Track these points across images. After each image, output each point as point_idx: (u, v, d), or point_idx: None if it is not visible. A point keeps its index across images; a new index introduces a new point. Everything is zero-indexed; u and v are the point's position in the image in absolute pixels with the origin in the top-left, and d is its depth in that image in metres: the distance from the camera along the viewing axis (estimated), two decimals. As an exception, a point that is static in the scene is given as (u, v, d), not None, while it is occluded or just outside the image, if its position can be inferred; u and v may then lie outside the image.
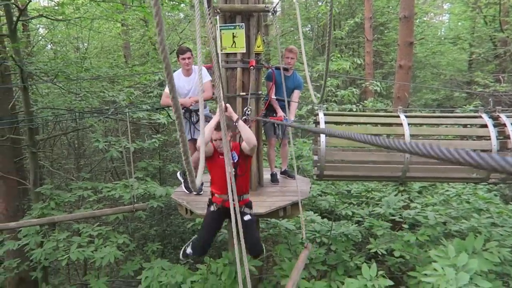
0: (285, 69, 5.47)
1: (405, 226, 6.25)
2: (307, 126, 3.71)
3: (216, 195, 4.10)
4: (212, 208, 4.14)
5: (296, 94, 5.70)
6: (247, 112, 4.54)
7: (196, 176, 1.75)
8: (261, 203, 4.73)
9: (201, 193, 5.19)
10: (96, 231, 6.37)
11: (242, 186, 3.97)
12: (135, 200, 6.10)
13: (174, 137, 10.38)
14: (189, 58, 5.09)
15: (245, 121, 4.43)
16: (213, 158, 4.06)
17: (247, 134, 3.72)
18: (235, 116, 3.77)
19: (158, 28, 1.16)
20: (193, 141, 5.36)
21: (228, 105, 3.80)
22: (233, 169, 3.86)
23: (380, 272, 4.40)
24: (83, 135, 13.07)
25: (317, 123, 4.72)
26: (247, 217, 4.00)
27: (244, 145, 3.89)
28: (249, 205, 4.15)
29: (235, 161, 3.95)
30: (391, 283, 4.27)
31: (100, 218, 8.66)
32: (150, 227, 10.63)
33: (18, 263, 7.14)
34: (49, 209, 6.82)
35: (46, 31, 12.00)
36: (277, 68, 5.44)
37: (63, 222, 7.56)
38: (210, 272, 5.03)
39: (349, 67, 9.61)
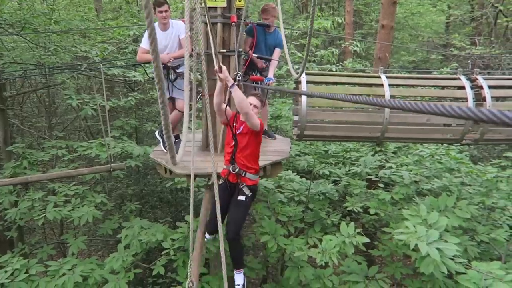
0: (267, 26, 5.32)
1: (381, 185, 6.44)
2: (288, 89, 3.62)
3: (224, 166, 4.04)
4: (220, 182, 4.03)
5: (277, 52, 5.56)
6: (237, 77, 4.35)
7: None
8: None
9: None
10: (73, 190, 6.27)
11: (245, 160, 3.90)
12: (112, 160, 5.98)
13: (151, 96, 10.10)
14: (166, 11, 4.85)
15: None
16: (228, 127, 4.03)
17: (239, 99, 3.51)
18: (230, 81, 3.53)
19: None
20: (171, 100, 5.23)
21: (224, 67, 3.52)
22: (235, 138, 3.88)
23: (357, 230, 4.56)
24: (54, 93, 12.53)
25: (298, 82, 4.67)
26: (240, 197, 3.93)
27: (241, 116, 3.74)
28: (251, 187, 3.99)
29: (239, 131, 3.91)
30: (367, 240, 4.45)
31: (75, 178, 8.50)
32: (127, 186, 10.54)
33: (-8, 223, 7.02)
34: (22, 168, 6.62)
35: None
36: (259, 25, 5.28)
37: (38, 182, 7.38)
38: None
39: (330, 26, 9.43)
